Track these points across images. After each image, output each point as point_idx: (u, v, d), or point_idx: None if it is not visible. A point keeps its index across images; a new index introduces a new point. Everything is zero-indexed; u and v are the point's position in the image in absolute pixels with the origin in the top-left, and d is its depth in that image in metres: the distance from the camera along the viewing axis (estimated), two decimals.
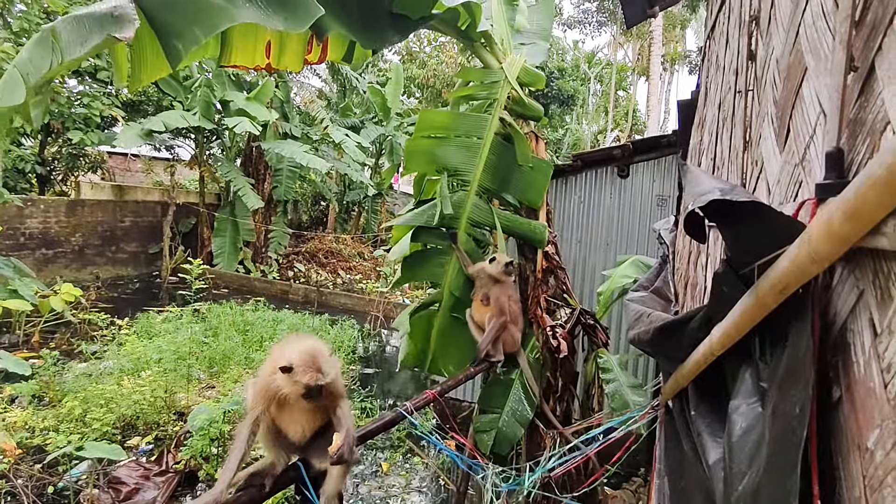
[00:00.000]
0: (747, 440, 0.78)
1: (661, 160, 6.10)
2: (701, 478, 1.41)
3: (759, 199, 0.75)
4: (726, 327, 0.91)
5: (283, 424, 2.01)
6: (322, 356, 1.87)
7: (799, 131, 0.88)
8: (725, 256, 0.86)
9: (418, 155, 4.04)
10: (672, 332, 1.33)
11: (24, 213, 11.38)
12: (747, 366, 0.91)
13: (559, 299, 4.25)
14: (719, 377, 1.13)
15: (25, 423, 5.34)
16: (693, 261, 2.91)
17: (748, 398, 0.85)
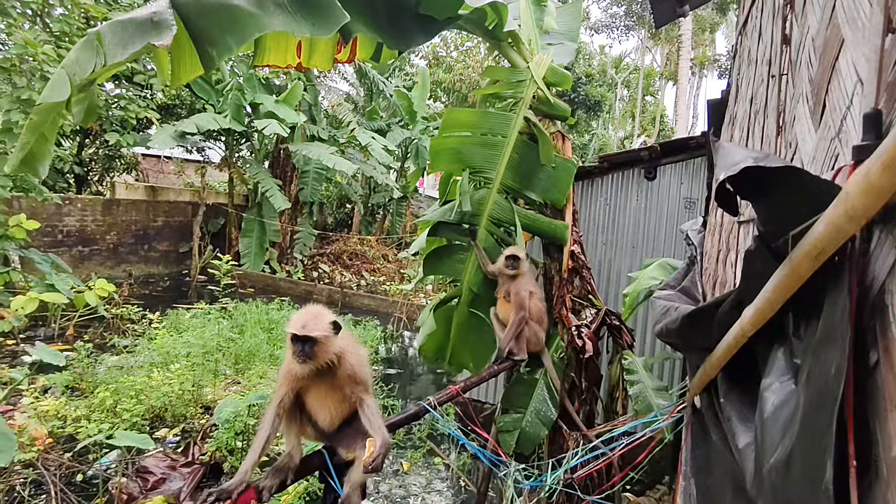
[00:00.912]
0: (779, 416, 0.76)
1: (689, 162, 6.01)
2: (730, 470, 1.38)
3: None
4: (759, 305, 0.89)
5: (313, 411, 2.04)
6: (310, 315, 1.90)
7: (835, 105, 0.86)
8: (757, 232, 0.85)
9: (444, 153, 4.06)
10: (701, 318, 1.31)
11: (63, 211, 11.79)
12: (780, 345, 0.89)
13: (584, 300, 4.21)
14: (750, 361, 1.11)
15: (58, 413, 5.52)
16: (722, 259, 2.87)
17: (781, 376, 0.84)
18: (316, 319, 1.90)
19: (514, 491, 2.40)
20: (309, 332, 1.85)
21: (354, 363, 1.99)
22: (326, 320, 1.91)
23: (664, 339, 1.91)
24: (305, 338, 1.85)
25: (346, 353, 1.98)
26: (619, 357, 4.23)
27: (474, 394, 6.70)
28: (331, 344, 1.91)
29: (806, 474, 0.59)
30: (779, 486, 0.66)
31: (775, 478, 0.67)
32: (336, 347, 1.93)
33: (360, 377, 2.01)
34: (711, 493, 1.76)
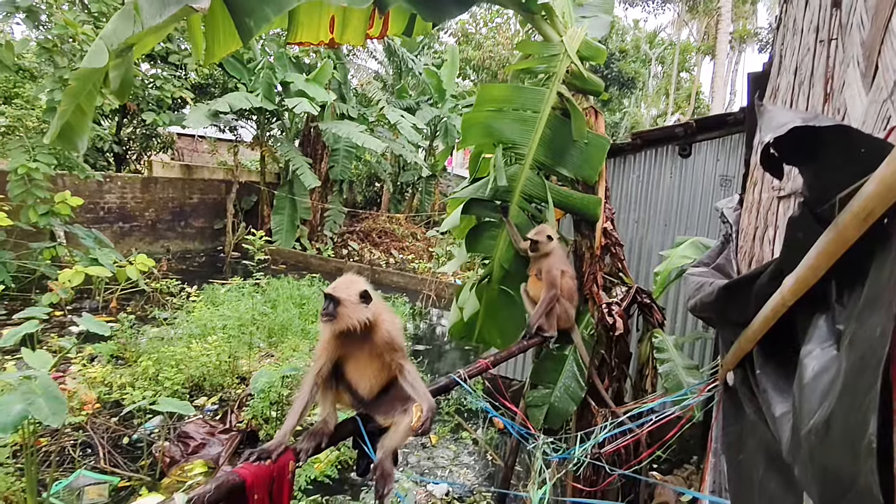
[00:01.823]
0: (819, 381, 0.76)
1: (726, 139, 5.82)
2: (763, 442, 1.38)
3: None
4: (801, 273, 0.88)
5: (353, 379, 2.11)
6: (345, 280, 2.02)
7: (888, 65, 0.83)
8: (802, 198, 0.83)
9: (475, 128, 4.04)
10: (738, 290, 1.29)
11: (104, 188, 12.20)
12: (821, 312, 0.88)
13: (615, 277, 4.18)
14: (787, 333, 1.10)
15: (104, 380, 5.81)
16: (759, 237, 2.79)
17: (822, 343, 0.83)
18: (348, 285, 1.99)
19: (542, 463, 2.43)
20: (333, 292, 1.96)
21: (391, 330, 2.05)
22: (357, 288, 1.98)
23: (697, 314, 1.89)
24: (331, 296, 1.95)
25: (380, 321, 2.03)
26: (649, 335, 4.19)
27: (502, 370, 6.75)
28: (354, 310, 1.96)
29: (846, 433, 0.59)
30: (817, 447, 0.66)
31: (814, 440, 0.67)
32: (361, 315, 1.97)
33: (397, 344, 2.07)
34: (742, 467, 1.75)
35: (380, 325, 2.03)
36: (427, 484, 4.99)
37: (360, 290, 1.98)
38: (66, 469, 4.46)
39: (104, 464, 4.57)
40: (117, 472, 4.51)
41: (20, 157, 8.35)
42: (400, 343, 2.08)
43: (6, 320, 7.28)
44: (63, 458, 4.59)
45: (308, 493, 4.52)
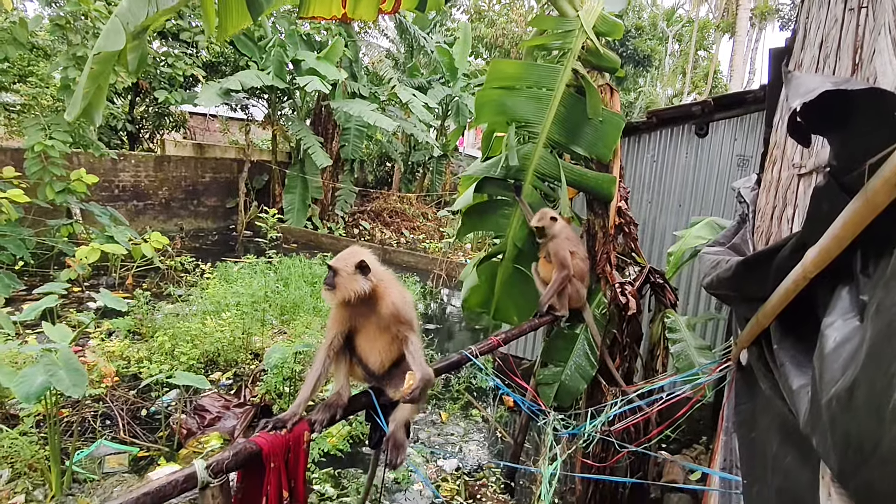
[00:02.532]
0: (842, 351, 0.75)
1: (744, 118, 5.70)
2: (778, 417, 1.37)
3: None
4: (825, 244, 0.86)
5: (364, 354, 2.13)
6: (346, 252, 2.06)
7: None
8: (828, 168, 0.81)
9: (488, 106, 3.99)
10: (758, 264, 1.28)
11: (118, 167, 12.30)
12: (844, 284, 0.87)
13: (627, 257, 4.16)
14: (807, 307, 1.09)
15: (122, 354, 5.93)
16: (777, 216, 2.76)
17: (844, 314, 0.82)
18: (347, 256, 2.03)
19: (552, 438, 2.46)
20: (332, 263, 2.01)
21: (396, 301, 2.06)
22: (355, 259, 2.01)
23: (713, 291, 1.88)
24: (330, 267, 2.01)
25: (385, 294, 2.05)
26: (661, 316, 4.18)
27: (513, 349, 6.79)
28: (351, 280, 1.99)
29: (871, 399, 0.58)
30: (839, 415, 0.66)
31: (835, 407, 0.67)
32: (358, 286, 1.99)
33: (404, 316, 2.08)
34: (755, 444, 1.75)
35: (384, 297, 2.05)
36: (437, 459, 5.07)
37: (358, 260, 2.00)
38: (87, 439, 4.58)
39: (123, 434, 4.70)
40: (136, 442, 4.64)
41: (36, 135, 8.42)
42: (407, 316, 2.10)
43: (26, 295, 7.43)
44: (84, 428, 4.72)
45: (321, 465, 4.62)
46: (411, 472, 4.68)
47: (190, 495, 1.62)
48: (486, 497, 4.55)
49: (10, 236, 8.05)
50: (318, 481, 4.43)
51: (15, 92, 10.87)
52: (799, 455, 1.08)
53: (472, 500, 4.50)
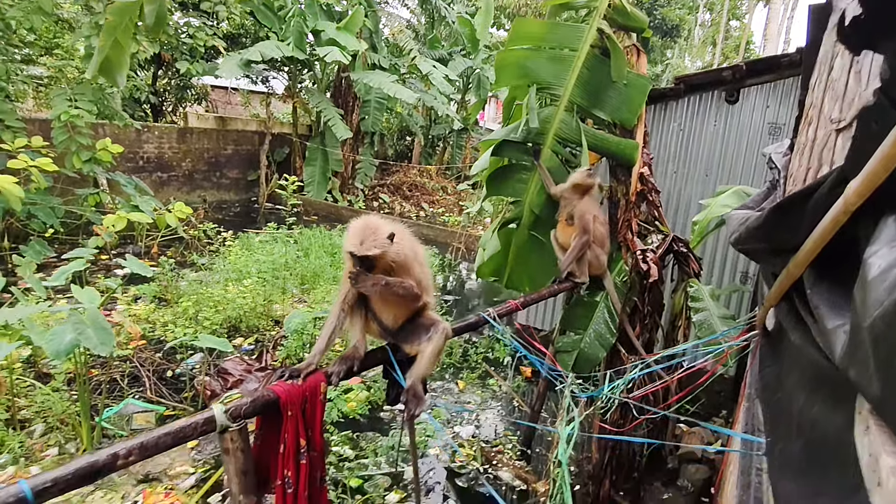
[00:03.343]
0: (888, 275, 0.70)
1: (777, 84, 5.47)
2: (806, 371, 1.33)
3: None
4: (871, 168, 0.80)
5: (377, 310, 2.12)
6: (368, 230, 1.87)
7: None
8: (881, 82, 0.75)
9: (510, 68, 3.89)
10: (792, 208, 1.22)
11: (142, 138, 12.43)
12: (891, 212, 0.81)
13: (650, 225, 4.06)
14: (844, 248, 1.03)
15: (148, 318, 6.08)
16: (811, 178, 2.65)
17: (891, 241, 0.77)
18: (373, 236, 1.86)
19: (571, 400, 2.44)
20: (367, 252, 1.84)
21: (409, 260, 2.01)
22: (383, 234, 1.88)
23: (741, 246, 1.82)
24: (367, 257, 1.85)
25: (402, 255, 1.99)
26: (683, 285, 4.10)
27: (529, 319, 6.77)
28: (387, 255, 1.91)
29: None
30: (884, 333, 0.62)
31: (880, 326, 0.62)
32: (392, 254, 1.93)
33: (416, 275, 2.03)
34: (779, 405, 1.71)
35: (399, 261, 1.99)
36: (455, 425, 5.12)
37: (387, 233, 1.88)
38: (115, 397, 4.73)
39: (150, 394, 4.84)
40: (162, 402, 4.77)
41: (63, 105, 8.54)
42: (418, 276, 2.04)
43: (57, 262, 7.63)
44: (112, 387, 4.87)
45: (340, 428, 4.70)
46: (428, 437, 4.74)
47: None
48: (502, 463, 4.59)
49: (41, 204, 8.25)
50: (337, 444, 4.51)
51: (42, 65, 11.02)
52: (830, 400, 1.04)
53: (489, 465, 4.55)
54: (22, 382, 4.57)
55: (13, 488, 1.29)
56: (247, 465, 1.71)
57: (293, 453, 1.79)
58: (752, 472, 1.95)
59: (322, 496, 1.93)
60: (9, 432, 4.00)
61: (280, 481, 1.78)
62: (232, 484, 1.71)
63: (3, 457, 3.84)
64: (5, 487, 1.28)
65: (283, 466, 1.78)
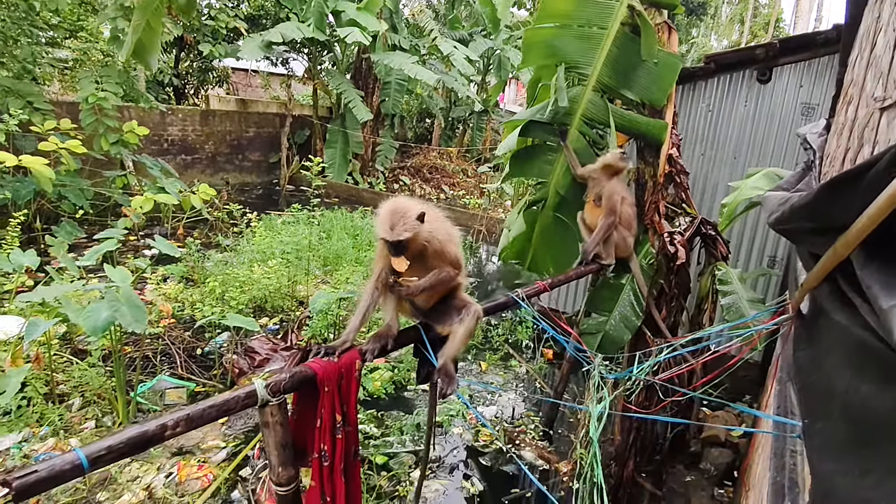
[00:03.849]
0: None
1: (812, 62, 5.30)
2: (852, 350, 1.31)
3: None
4: None
5: None
6: (397, 214, 1.85)
7: None
8: None
9: (537, 46, 3.83)
10: (845, 185, 1.19)
11: (166, 121, 12.59)
12: None
13: (678, 207, 4.00)
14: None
15: (177, 297, 6.22)
16: (850, 159, 2.58)
17: None
18: (403, 219, 1.85)
19: (599, 380, 2.45)
20: (399, 237, 1.84)
21: (441, 239, 2.01)
22: (413, 216, 1.86)
23: (782, 226, 1.78)
24: (398, 242, 1.85)
25: (434, 236, 1.98)
26: (711, 268, 4.05)
27: (551, 303, 6.76)
28: (419, 236, 1.91)
29: None
30: None
31: None
32: (424, 235, 1.93)
33: (449, 254, 2.04)
34: (818, 386, 1.69)
35: (432, 241, 1.98)
36: (478, 405, 5.17)
37: (416, 214, 1.87)
38: (148, 373, 4.88)
39: (181, 371, 4.98)
40: (193, 378, 4.91)
41: (89, 87, 8.68)
42: (453, 255, 2.05)
43: (87, 243, 7.83)
44: (145, 364, 5.02)
45: (366, 406, 4.79)
46: (452, 416, 4.80)
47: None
48: (524, 443, 4.63)
49: (71, 186, 8.45)
50: (363, 422, 4.60)
51: (67, 48, 11.18)
52: (880, 379, 1.03)
53: (511, 445, 4.60)
54: (59, 358, 4.73)
55: (69, 455, 1.34)
56: (286, 439, 1.76)
57: (329, 428, 1.84)
58: (787, 454, 1.94)
59: (356, 469, 1.98)
60: (48, 406, 4.16)
61: (317, 454, 1.83)
62: (271, 456, 1.77)
63: (44, 429, 4.00)
64: (61, 455, 1.34)
65: (320, 440, 1.82)
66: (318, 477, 1.83)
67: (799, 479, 1.78)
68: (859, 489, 1.00)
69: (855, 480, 1.04)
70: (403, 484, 3.96)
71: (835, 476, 1.18)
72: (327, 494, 1.84)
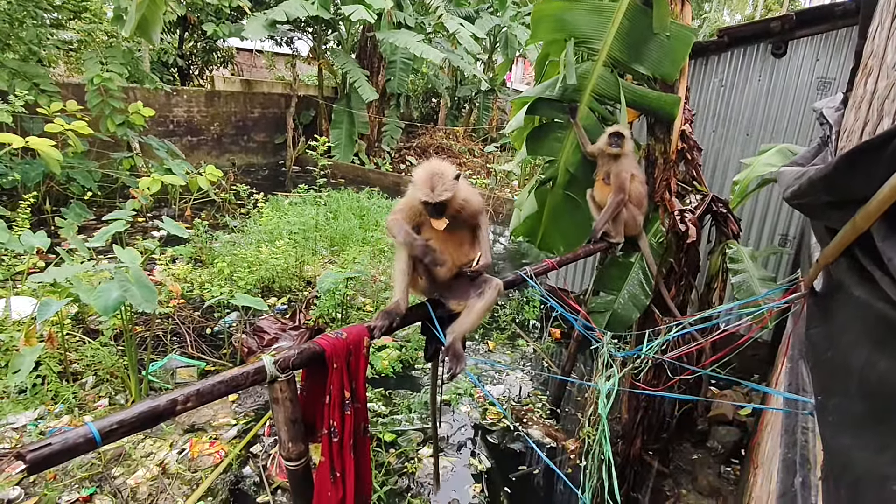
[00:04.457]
0: None
1: (829, 35, 5.15)
2: (870, 325, 1.28)
3: None
4: None
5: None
6: (438, 176, 1.95)
7: None
8: None
9: (546, 21, 3.74)
10: (866, 155, 1.15)
11: (172, 102, 12.54)
12: None
13: (688, 185, 3.95)
14: None
15: (185, 278, 6.26)
16: (868, 132, 2.52)
17: None
18: (442, 179, 1.95)
19: (608, 357, 2.44)
20: (440, 198, 1.94)
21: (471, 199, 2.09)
22: (450, 176, 1.97)
23: (798, 200, 1.74)
24: (439, 203, 1.94)
25: (468, 198, 2.07)
26: (721, 247, 4.00)
27: (559, 282, 6.74)
28: (457, 196, 2.00)
29: None
30: None
31: None
32: (462, 195, 2.03)
33: (479, 211, 2.15)
34: (833, 362, 1.67)
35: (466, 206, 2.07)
36: (485, 384, 5.20)
37: (453, 175, 1.98)
38: (159, 352, 4.94)
39: (191, 350, 5.03)
40: (203, 357, 4.96)
41: (94, 68, 8.64)
42: (480, 208, 2.15)
43: (96, 224, 7.87)
44: (156, 343, 5.08)
45: (374, 384, 4.82)
46: (459, 395, 4.83)
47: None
48: (532, 421, 4.66)
49: (79, 168, 8.46)
50: (371, 400, 4.64)
51: (71, 29, 11.09)
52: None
53: (519, 423, 4.63)
54: (72, 338, 4.79)
55: (82, 429, 1.35)
56: (295, 414, 1.76)
57: (338, 404, 1.84)
58: (798, 431, 1.93)
59: (366, 445, 1.99)
60: (63, 384, 4.22)
61: (326, 430, 1.84)
62: (281, 432, 1.78)
63: (59, 406, 4.07)
64: (74, 429, 1.35)
65: (329, 416, 1.83)
66: (327, 453, 1.84)
67: (810, 456, 1.77)
68: (877, 465, 0.98)
69: (872, 456, 1.03)
70: (412, 461, 4.01)
71: (851, 451, 1.16)
72: (337, 470, 1.85)
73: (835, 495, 1.21)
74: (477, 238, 2.15)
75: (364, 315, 5.85)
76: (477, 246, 2.15)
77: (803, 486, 1.53)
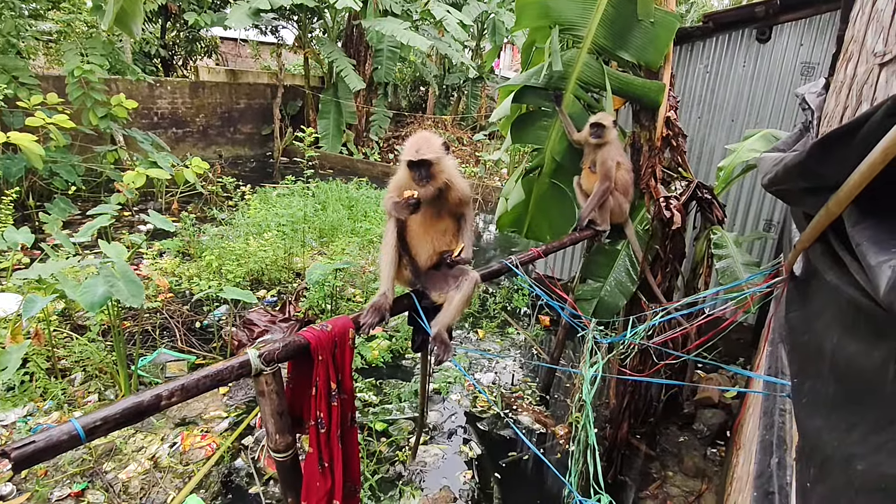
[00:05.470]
0: None
1: (813, 20, 5.18)
2: (841, 309, 1.31)
3: None
4: None
5: (415, 244, 2.14)
6: (424, 139, 1.99)
7: None
8: None
9: (530, 7, 3.72)
10: (838, 141, 1.17)
11: (155, 93, 12.34)
12: None
13: (674, 172, 3.97)
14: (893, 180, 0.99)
15: (174, 272, 6.22)
16: (849, 117, 2.55)
17: None
18: (428, 143, 1.98)
19: (593, 344, 2.47)
20: (424, 156, 1.94)
21: (461, 187, 2.10)
22: (437, 143, 2.00)
23: (776, 187, 1.76)
24: (422, 162, 1.94)
25: (454, 178, 2.07)
26: (706, 233, 4.04)
27: (547, 269, 6.78)
28: (444, 165, 2.01)
29: None
30: None
31: None
32: (449, 169, 2.03)
33: (466, 199, 2.15)
34: (808, 345, 1.71)
35: (453, 184, 2.06)
36: (475, 372, 5.24)
37: (441, 142, 2.01)
38: (148, 347, 4.92)
39: (181, 344, 5.01)
40: (193, 351, 4.95)
41: (74, 60, 8.47)
42: (468, 198, 2.16)
43: (81, 219, 7.78)
44: (145, 338, 5.06)
45: (364, 374, 4.85)
46: (449, 384, 4.87)
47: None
48: (521, 408, 4.71)
49: (62, 162, 8.33)
50: (362, 390, 4.67)
51: (50, 20, 10.87)
52: (868, 336, 1.03)
53: (509, 410, 4.68)
54: (59, 334, 4.76)
55: (66, 426, 1.35)
56: (281, 407, 1.78)
57: (325, 396, 1.85)
58: (776, 413, 1.97)
59: (353, 435, 2.01)
60: (51, 381, 4.20)
61: (314, 422, 1.85)
62: (268, 424, 1.79)
63: (48, 403, 4.05)
64: (58, 426, 1.35)
65: (316, 408, 1.84)
66: (315, 443, 1.86)
67: (787, 437, 1.82)
68: (844, 444, 1.02)
69: (841, 436, 1.06)
70: (403, 450, 4.04)
71: (822, 432, 1.20)
72: (325, 460, 1.87)
73: (805, 475, 1.25)
74: (461, 230, 2.16)
75: (354, 306, 5.86)
76: (460, 238, 2.15)
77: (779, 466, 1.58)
